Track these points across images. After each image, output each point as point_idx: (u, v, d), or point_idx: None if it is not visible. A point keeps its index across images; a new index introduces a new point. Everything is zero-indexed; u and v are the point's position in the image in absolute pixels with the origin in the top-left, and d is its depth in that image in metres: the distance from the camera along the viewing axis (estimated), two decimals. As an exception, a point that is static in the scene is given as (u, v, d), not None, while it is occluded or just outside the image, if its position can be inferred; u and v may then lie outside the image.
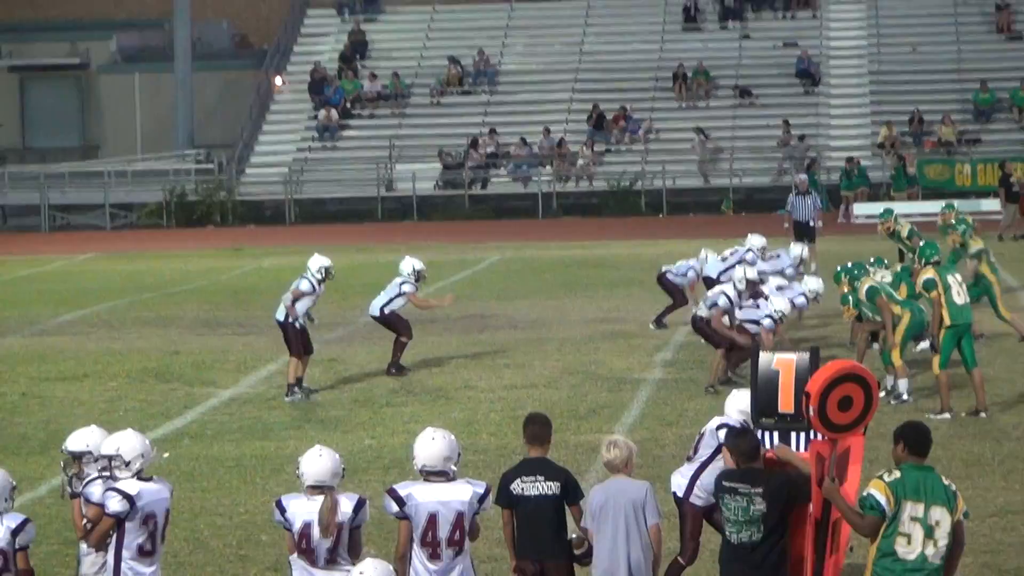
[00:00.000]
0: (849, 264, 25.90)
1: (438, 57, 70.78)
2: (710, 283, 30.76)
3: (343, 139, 68.56)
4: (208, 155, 71.35)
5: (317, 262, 27.57)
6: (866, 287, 24.24)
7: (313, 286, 27.21)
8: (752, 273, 27.55)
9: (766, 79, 68.15)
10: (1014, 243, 48.85)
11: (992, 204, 53.12)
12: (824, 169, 59.62)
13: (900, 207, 48.91)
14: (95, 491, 13.36)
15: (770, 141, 64.12)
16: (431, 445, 13.04)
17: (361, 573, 11.15)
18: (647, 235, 51.68)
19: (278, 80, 72.24)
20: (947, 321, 22.82)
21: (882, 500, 12.30)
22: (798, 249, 32.73)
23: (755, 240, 31.71)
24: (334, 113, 68.44)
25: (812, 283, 28.47)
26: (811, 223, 43.01)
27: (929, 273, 23.35)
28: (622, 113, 64.80)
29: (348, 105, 69.09)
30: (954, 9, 70.01)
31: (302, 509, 12.83)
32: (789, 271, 30.72)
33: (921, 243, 28.42)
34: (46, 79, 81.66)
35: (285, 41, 74.43)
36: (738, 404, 14.41)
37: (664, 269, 32.48)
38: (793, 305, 27.69)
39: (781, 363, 13.17)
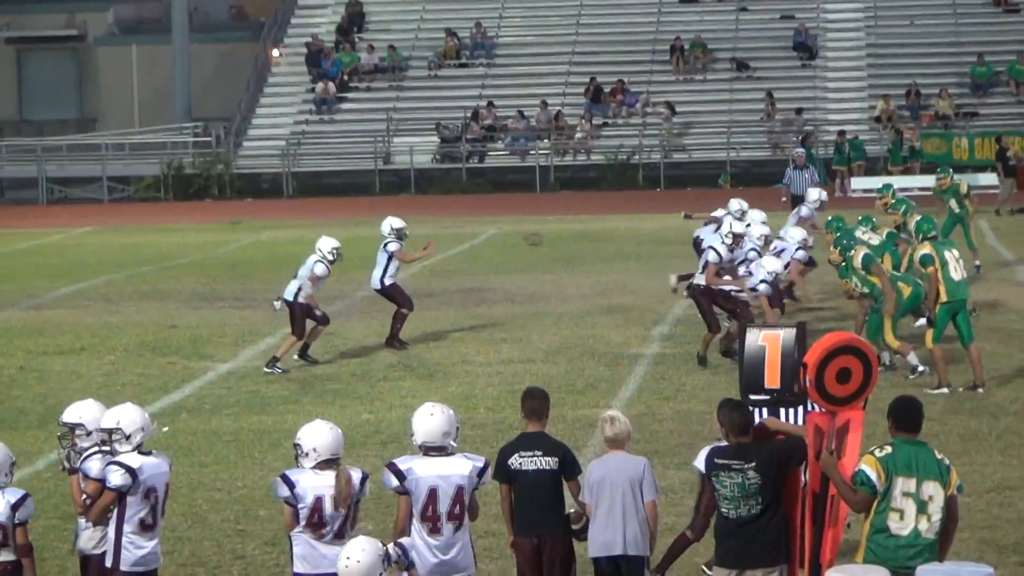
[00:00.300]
0: (840, 224, 25.92)
1: (435, 29, 70.32)
2: (698, 246, 30.60)
3: (340, 112, 68.28)
4: (206, 128, 70.76)
5: (328, 243, 27.65)
6: (861, 255, 23.97)
7: (328, 269, 27.35)
8: (739, 227, 27.74)
9: (763, 52, 68.13)
10: (1011, 217, 48.78)
11: (990, 178, 53.31)
12: (822, 143, 59.74)
13: (898, 181, 48.73)
14: (93, 466, 13.36)
15: (763, 113, 64.31)
16: (430, 420, 13.03)
17: (348, 559, 11.14)
18: (645, 209, 51.76)
19: (275, 52, 71.66)
20: (943, 297, 22.81)
21: (873, 475, 12.33)
22: (799, 234, 31.60)
23: (735, 204, 31.48)
24: (331, 86, 67.98)
25: (771, 264, 28.12)
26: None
27: (926, 248, 23.35)
28: (620, 86, 64.61)
29: (345, 78, 68.67)
30: None
31: (312, 483, 12.83)
32: (752, 253, 29.89)
33: (918, 218, 27.96)
34: (43, 51, 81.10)
35: (282, 13, 73.91)
36: None
37: (696, 234, 32.00)
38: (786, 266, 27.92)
39: (768, 338, 13.23)
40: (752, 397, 13.17)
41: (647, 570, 13.93)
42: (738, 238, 27.46)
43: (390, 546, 11.74)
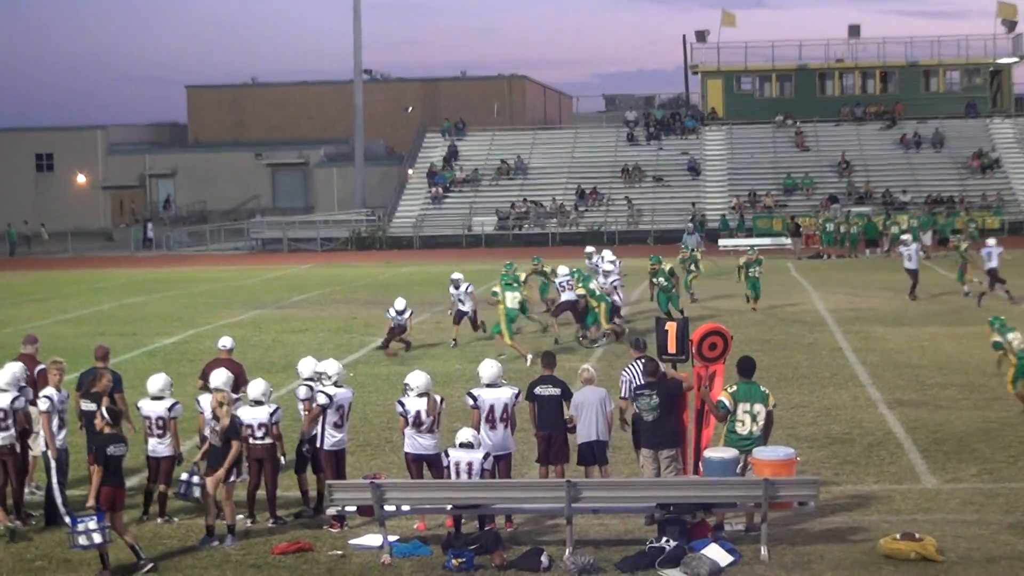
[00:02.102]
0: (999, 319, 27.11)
1: (495, 159, 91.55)
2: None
3: (445, 203, 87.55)
4: (372, 212, 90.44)
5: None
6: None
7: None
8: (608, 265, 36.39)
9: (672, 171, 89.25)
10: (808, 261, 62.61)
11: (786, 241, 70.56)
12: (705, 220, 78.00)
13: (737, 242, 70.91)
14: (301, 391, 18.05)
15: (674, 204, 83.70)
16: (491, 367, 17.29)
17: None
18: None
19: (410, 171, 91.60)
20: None
21: (727, 402, 16.29)
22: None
23: (607, 253, 38.77)
24: (440, 189, 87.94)
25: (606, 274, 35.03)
26: (694, 250, 49.95)
27: None
28: (593, 190, 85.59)
29: (448, 186, 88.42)
30: (772, 134, 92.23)
31: (413, 405, 17.15)
32: (617, 281, 36.54)
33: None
34: (285, 170, 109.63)
35: (414, 150, 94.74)
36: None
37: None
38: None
39: (670, 326, 17.81)
40: (664, 357, 17.40)
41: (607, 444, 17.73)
42: (608, 273, 34.93)
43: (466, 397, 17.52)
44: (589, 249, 40.91)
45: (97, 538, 15.40)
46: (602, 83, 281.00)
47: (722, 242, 72.60)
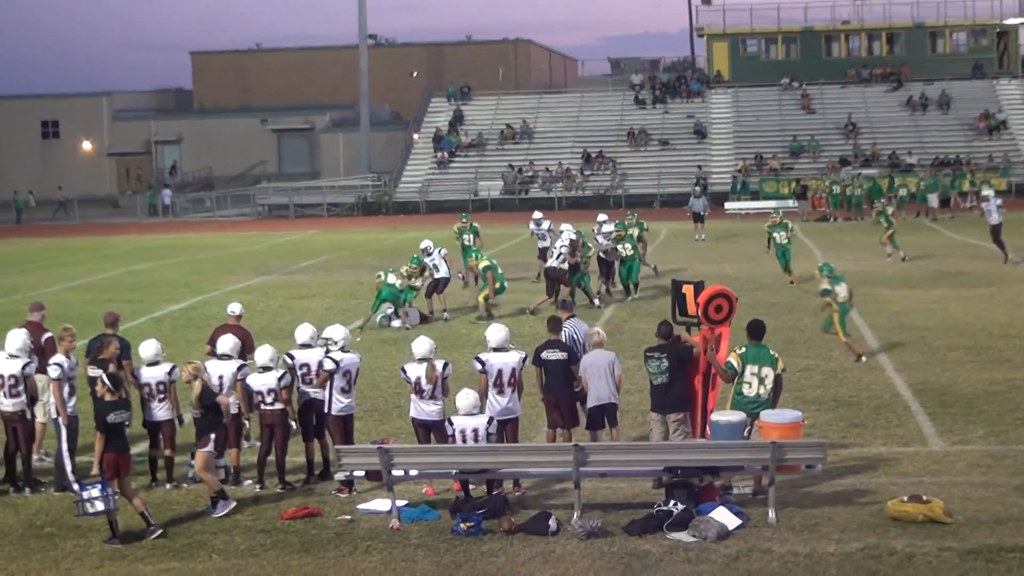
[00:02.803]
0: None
1: (501, 123, 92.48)
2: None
3: (451, 168, 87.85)
4: (378, 177, 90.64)
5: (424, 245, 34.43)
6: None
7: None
8: (608, 227, 36.64)
9: (678, 135, 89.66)
10: (815, 224, 62.77)
11: (793, 204, 67.95)
12: (711, 184, 77.47)
13: (741, 205, 72.13)
14: (328, 362, 17.84)
15: (680, 168, 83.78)
16: (499, 331, 17.61)
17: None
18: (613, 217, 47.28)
19: (415, 136, 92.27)
20: None
21: (735, 363, 16.30)
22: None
23: (601, 216, 38.98)
24: (446, 154, 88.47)
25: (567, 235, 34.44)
26: (702, 212, 56.02)
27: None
28: (599, 154, 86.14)
29: (454, 150, 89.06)
30: (778, 97, 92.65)
31: (414, 371, 17.46)
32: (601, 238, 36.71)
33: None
34: (291, 135, 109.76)
35: (420, 115, 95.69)
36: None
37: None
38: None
39: (687, 288, 17.66)
40: (679, 320, 17.49)
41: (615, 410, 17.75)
42: (607, 235, 35.82)
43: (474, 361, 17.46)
44: (602, 217, 40.12)
45: (101, 505, 15.53)
46: (607, 46, 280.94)
47: (728, 205, 72.79)
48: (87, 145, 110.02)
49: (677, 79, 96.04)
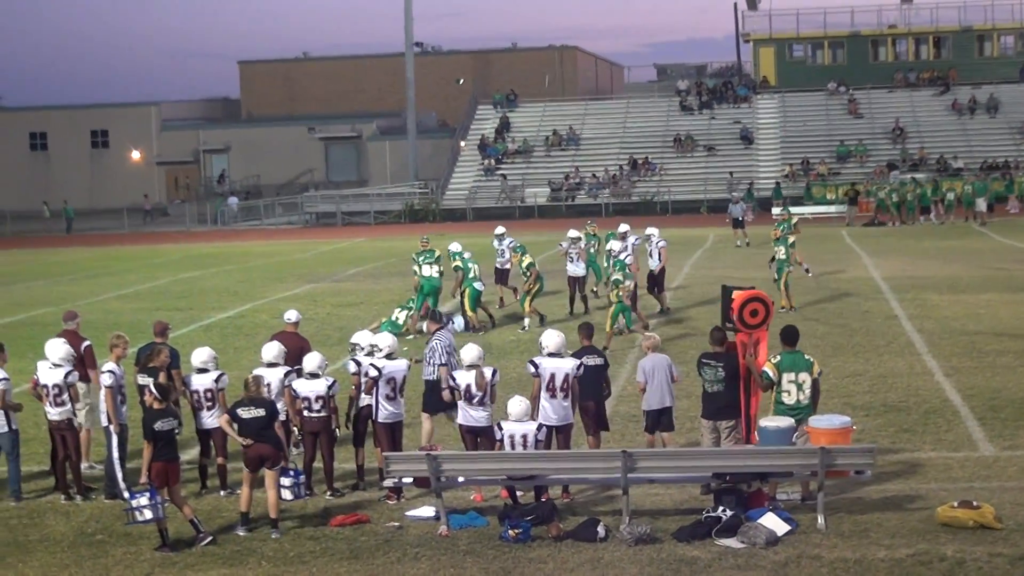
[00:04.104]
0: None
1: (547, 130, 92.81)
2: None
3: (497, 175, 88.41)
4: (425, 184, 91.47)
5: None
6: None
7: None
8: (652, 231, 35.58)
9: (724, 141, 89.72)
10: (861, 229, 62.27)
11: (844, 208, 69.46)
12: (756, 189, 77.18)
13: (799, 209, 66.55)
14: (352, 364, 18.13)
15: (726, 173, 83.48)
16: (555, 337, 17.64)
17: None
18: (659, 224, 47.45)
19: (462, 143, 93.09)
20: None
21: (771, 373, 16.32)
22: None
23: (622, 227, 35.94)
24: (492, 161, 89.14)
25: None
26: (740, 218, 56.05)
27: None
28: (645, 160, 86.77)
29: (500, 157, 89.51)
30: (825, 102, 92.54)
31: (464, 378, 17.49)
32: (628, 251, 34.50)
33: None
34: (339, 143, 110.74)
35: (466, 122, 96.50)
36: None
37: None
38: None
39: (737, 294, 17.59)
40: (728, 326, 17.45)
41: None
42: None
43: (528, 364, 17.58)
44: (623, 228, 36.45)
45: (150, 514, 15.60)
46: (653, 53, 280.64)
47: (775, 211, 70.43)
48: (136, 154, 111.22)
49: (723, 85, 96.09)
